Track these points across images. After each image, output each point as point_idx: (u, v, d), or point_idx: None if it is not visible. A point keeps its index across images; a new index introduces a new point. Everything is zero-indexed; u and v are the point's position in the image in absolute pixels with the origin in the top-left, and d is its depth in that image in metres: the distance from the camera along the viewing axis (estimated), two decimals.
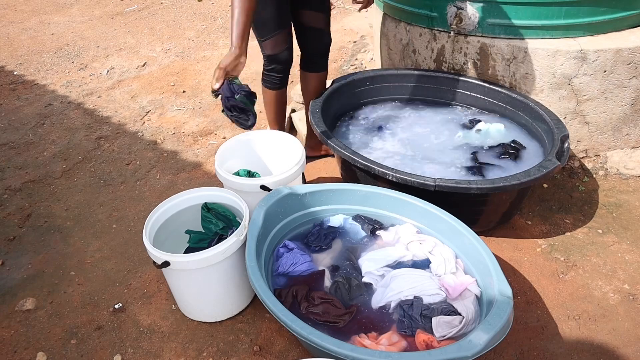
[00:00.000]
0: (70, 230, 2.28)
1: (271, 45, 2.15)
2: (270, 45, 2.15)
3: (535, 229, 2.12)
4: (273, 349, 1.67)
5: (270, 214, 1.73)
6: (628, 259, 1.95)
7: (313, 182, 2.47)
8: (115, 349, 1.71)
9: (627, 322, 1.70)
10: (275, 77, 2.27)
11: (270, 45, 2.15)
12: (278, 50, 2.16)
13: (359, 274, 1.67)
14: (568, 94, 2.30)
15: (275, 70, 2.24)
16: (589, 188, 2.32)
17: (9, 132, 3.10)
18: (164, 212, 1.81)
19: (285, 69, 2.26)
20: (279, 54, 2.17)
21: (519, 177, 1.74)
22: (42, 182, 2.63)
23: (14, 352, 1.72)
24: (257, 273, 1.48)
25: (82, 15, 5.12)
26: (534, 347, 1.64)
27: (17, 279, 2.03)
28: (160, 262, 1.58)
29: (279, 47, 2.15)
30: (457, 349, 1.24)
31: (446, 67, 2.53)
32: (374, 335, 1.47)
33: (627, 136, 2.43)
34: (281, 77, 2.28)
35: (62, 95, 3.53)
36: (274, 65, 2.22)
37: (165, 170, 2.66)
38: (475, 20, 2.31)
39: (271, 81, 2.29)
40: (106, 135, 3.02)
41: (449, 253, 1.68)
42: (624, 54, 2.19)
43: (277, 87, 2.31)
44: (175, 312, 1.84)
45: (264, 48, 2.18)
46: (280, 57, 2.19)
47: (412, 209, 1.80)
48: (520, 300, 1.81)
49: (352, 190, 1.87)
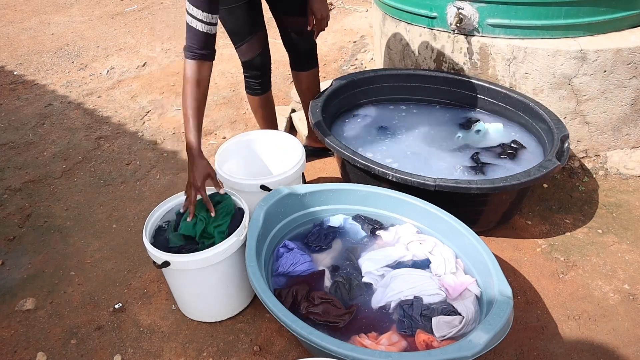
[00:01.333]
0: (70, 230, 2.28)
1: (244, 51, 2.16)
2: (243, 52, 2.16)
3: (535, 229, 2.12)
4: (273, 349, 1.67)
5: (270, 214, 1.73)
6: (628, 259, 1.95)
7: (313, 182, 2.47)
8: (115, 349, 1.71)
9: (627, 322, 1.70)
10: (254, 83, 2.27)
11: (243, 52, 2.16)
12: (250, 56, 2.17)
13: (359, 274, 1.67)
14: (568, 94, 2.30)
15: (252, 76, 2.25)
16: (589, 188, 2.32)
17: (9, 132, 3.10)
18: (164, 212, 1.81)
19: (261, 74, 2.25)
20: (252, 59, 2.18)
21: (519, 177, 1.74)
22: (42, 182, 2.63)
23: (14, 352, 1.72)
24: (257, 273, 1.48)
25: (82, 15, 5.12)
26: (534, 347, 1.64)
27: (17, 279, 2.03)
28: (160, 262, 1.58)
29: (252, 52, 2.16)
30: (457, 349, 1.24)
31: (446, 67, 2.53)
32: (374, 335, 1.47)
33: (627, 136, 2.43)
34: (260, 82, 2.27)
35: (62, 95, 3.53)
36: (249, 71, 2.24)
37: (165, 170, 2.66)
38: (475, 20, 2.31)
39: (250, 87, 2.30)
40: (106, 135, 3.02)
41: (449, 253, 1.68)
42: (624, 54, 2.19)
43: (258, 92, 2.31)
44: (175, 312, 1.84)
45: (239, 55, 2.19)
46: (254, 62, 2.19)
47: (412, 209, 1.80)
48: (520, 300, 1.81)
49: (352, 190, 1.87)
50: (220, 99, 3.32)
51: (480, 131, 2.28)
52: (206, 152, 2.79)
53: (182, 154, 2.79)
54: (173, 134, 2.98)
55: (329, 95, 2.35)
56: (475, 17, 2.30)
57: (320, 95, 2.34)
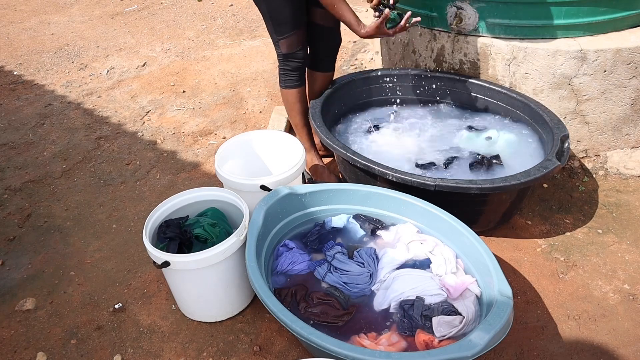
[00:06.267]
0: (70, 230, 2.28)
1: (287, 44, 2.15)
2: (287, 44, 2.16)
3: (535, 229, 2.12)
4: (273, 349, 1.67)
5: (270, 214, 1.73)
6: (628, 259, 1.95)
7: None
8: (115, 349, 1.71)
9: (627, 322, 1.70)
10: (295, 75, 2.25)
11: (287, 44, 2.16)
12: (297, 47, 2.17)
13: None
14: (568, 94, 2.30)
15: (294, 67, 2.23)
16: (589, 188, 2.32)
17: (9, 132, 3.10)
18: (163, 212, 1.81)
19: (301, 66, 2.24)
20: (298, 50, 2.18)
21: (519, 177, 1.74)
22: (42, 182, 2.62)
23: (14, 352, 1.72)
24: (257, 273, 1.48)
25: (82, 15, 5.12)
26: (534, 347, 1.64)
27: (17, 279, 2.03)
28: (160, 262, 1.58)
29: (295, 46, 2.16)
30: (457, 349, 1.24)
31: (446, 67, 2.53)
32: (374, 335, 1.47)
33: (627, 136, 2.43)
34: (299, 74, 2.26)
35: (62, 95, 3.52)
36: (292, 62, 2.22)
37: (165, 170, 2.66)
38: (475, 20, 2.31)
39: (290, 80, 2.27)
40: (106, 135, 3.02)
41: (450, 253, 1.68)
42: (624, 53, 2.19)
43: (297, 85, 2.27)
44: (175, 312, 1.84)
45: (280, 47, 2.18)
46: (298, 54, 2.19)
47: (412, 209, 1.80)
48: (520, 300, 1.80)
49: (352, 190, 1.87)
50: (220, 99, 3.32)
51: (491, 139, 2.22)
52: (206, 152, 2.79)
53: (182, 154, 2.79)
54: (173, 134, 2.98)
55: (329, 95, 2.35)
56: (475, 16, 2.30)
57: (320, 95, 2.34)
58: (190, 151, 2.81)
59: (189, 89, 3.49)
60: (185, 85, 3.55)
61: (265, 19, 2.15)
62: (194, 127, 3.04)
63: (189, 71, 3.76)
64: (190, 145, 2.87)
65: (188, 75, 3.71)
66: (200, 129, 3.02)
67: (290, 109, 2.35)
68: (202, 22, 4.72)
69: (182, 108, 3.26)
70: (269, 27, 2.16)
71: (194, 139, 2.92)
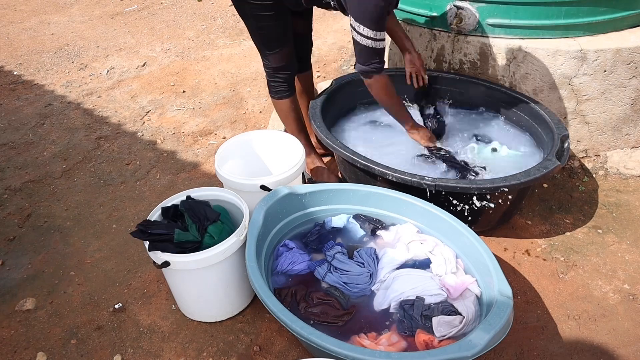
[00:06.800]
0: (70, 230, 2.28)
1: (277, 58, 2.16)
2: (277, 58, 2.16)
3: (535, 228, 2.12)
4: (273, 349, 1.67)
5: (270, 214, 1.73)
6: (628, 259, 1.95)
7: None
8: (115, 349, 1.71)
9: (627, 322, 1.70)
10: (283, 85, 2.25)
11: (277, 58, 2.16)
12: (286, 61, 2.18)
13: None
14: (568, 94, 2.30)
15: (283, 78, 2.23)
16: (589, 188, 2.32)
17: (9, 132, 3.10)
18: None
19: (290, 76, 2.25)
20: (286, 64, 2.19)
21: (519, 177, 1.74)
22: (42, 182, 2.63)
23: (14, 352, 1.72)
24: (257, 273, 1.48)
25: (82, 15, 5.11)
26: (534, 347, 1.64)
27: (17, 279, 2.03)
28: (160, 262, 1.58)
29: (285, 59, 2.17)
30: (457, 349, 1.24)
31: (446, 67, 2.53)
32: (374, 335, 1.47)
33: (627, 136, 2.43)
34: (289, 84, 2.26)
35: (62, 95, 3.52)
36: (280, 74, 2.22)
37: (165, 170, 2.66)
38: (475, 20, 2.31)
39: (281, 89, 2.26)
40: (106, 135, 3.02)
41: (450, 253, 1.68)
42: (623, 53, 2.19)
43: (288, 94, 2.28)
44: (175, 312, 1.84)
45: (269, 60, 2.17)
46: (286, 67, 2.20)
47: (412, 209, 1.80)
48: (520, 300, 1.81)
49: (352, 190, 1.87)
50: (220, 99, 3.32)
51: (496, 151, 2.19)
52: (206, 152, 2.79)
53: (182, 154, 2.79)
54: (173, 134, 2.98)
55: (329, 95, 2.35)
56: (475, 16, 2.30)
57: (320, 95, 2.34)
58: (190, 151, 2.81)
59: (189, 89, 3.49)
60: (185, 85, 3.55)
61: (252, 34, 2.14)
62: (194, 127, 3.04)
63: (189, 71, 3.76)
64: (190, 145, 2.88)
65: (188, 75, 3.71)
66: (200, 129, 3.02)
67: (285, 118, 2.37)
68: (202, 22, 4.72)
69: (182, 108, 3.26)
70: (257, 41, 2.15)
71: (194, 139, 2.93)
